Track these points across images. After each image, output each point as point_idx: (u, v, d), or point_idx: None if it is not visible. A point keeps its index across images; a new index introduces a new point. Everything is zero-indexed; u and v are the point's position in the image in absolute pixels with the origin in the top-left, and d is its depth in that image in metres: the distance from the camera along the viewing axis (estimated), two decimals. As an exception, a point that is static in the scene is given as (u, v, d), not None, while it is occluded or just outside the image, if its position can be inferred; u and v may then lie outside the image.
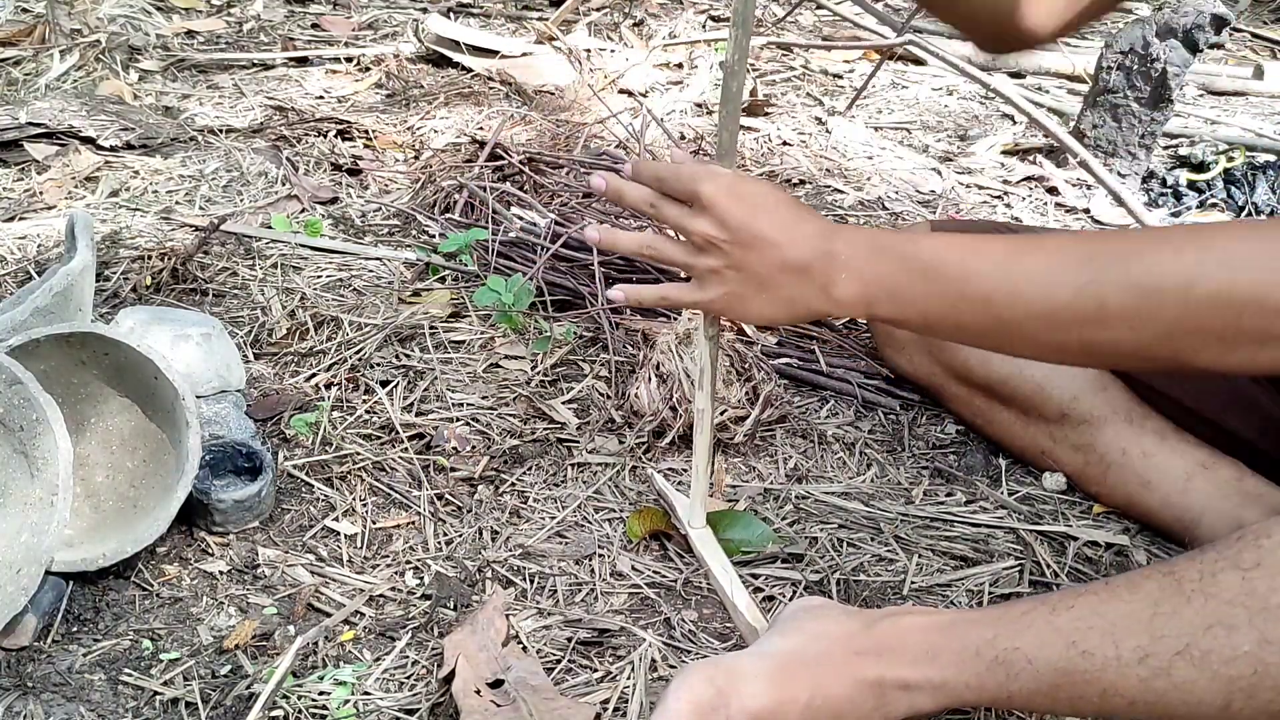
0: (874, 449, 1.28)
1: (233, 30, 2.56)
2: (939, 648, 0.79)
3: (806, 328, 1.48)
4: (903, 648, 0.80)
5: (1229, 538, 0.72)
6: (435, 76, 2.33)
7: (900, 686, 0.79)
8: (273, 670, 0.92)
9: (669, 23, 2.80)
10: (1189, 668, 0.69)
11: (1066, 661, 0.73)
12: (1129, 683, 0.71)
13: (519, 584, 1.05)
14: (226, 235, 1.61)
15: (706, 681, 0.79)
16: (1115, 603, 0.73)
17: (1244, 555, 0.70)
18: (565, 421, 1.28)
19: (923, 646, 0.79)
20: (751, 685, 0.79)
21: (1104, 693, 0.73)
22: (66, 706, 0.90)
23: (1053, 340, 0.83)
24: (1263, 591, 0.68)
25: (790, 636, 0.83)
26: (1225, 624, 0.68)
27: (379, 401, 1.28)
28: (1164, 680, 0.70)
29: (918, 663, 0.79)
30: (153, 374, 1.06)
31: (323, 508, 1.14)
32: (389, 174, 1.89)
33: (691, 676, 0.79)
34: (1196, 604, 0.70)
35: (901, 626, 0.81)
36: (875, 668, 0.79)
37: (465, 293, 1.49)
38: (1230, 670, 0.68)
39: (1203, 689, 0.69)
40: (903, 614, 0.83)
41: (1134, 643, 0.71)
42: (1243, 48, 3.14)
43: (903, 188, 2.02)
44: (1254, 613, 0.68)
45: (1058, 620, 0.75)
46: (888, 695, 0.79)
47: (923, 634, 0.80)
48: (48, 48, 2.25)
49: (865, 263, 0.87)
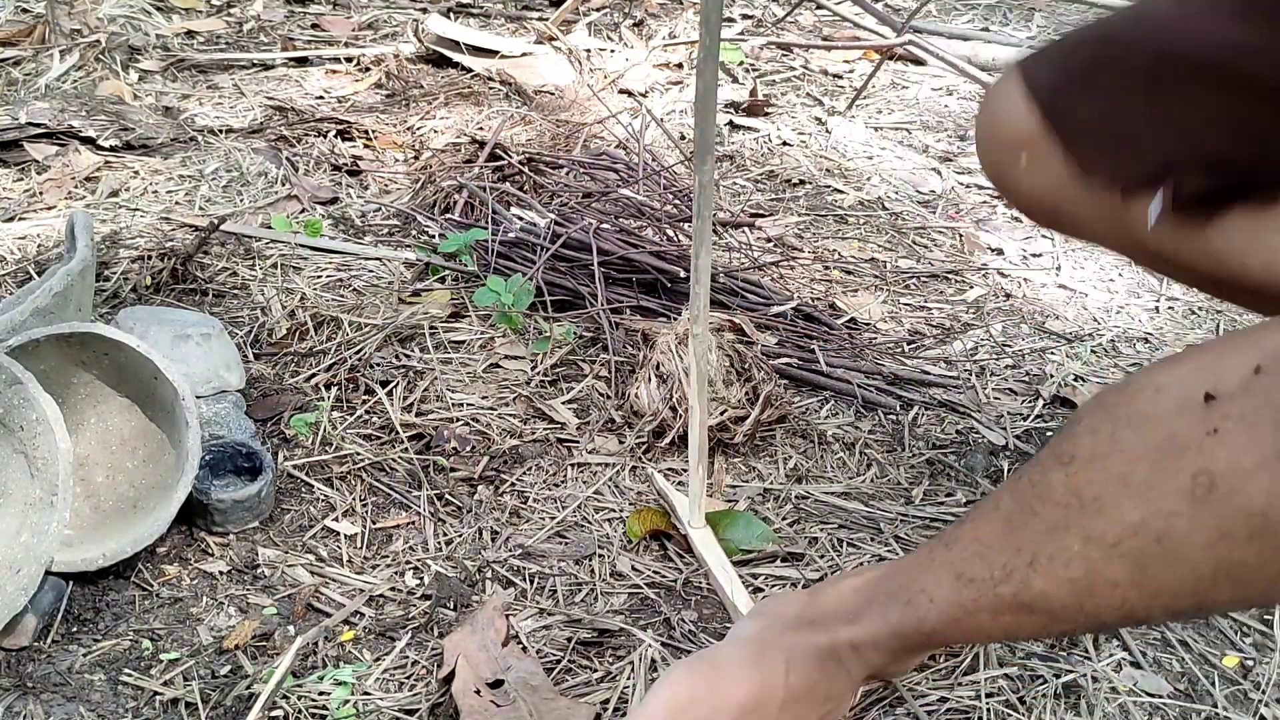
0: (874, 449, 1.28)
1: (233, 30, 2.56)
2: (867, 602, 0.80)
3: (806, 327, 1.48)
4: (843, 609, 0.81)
5: (1059, 430, 0.71)
6: (435, 76, 2.33)
7: (850, 647, 0.80)
8: (273, 670, 0.92)
9: (669, 23, 2.80)
10: (1040, 577, 0.69)
11: (956, 592, 0.74)
12: (1005, 601, 0.71)
13: (519, 584, 1.05)
14: (226, 235, 1.61)
15: (688, 674, 0.80)
16: (985, 524, 0.73)
17: (1063, 448, 0.68)
18: (565, 421, 1.28)
19: (855, 605, 0.81)
20: (733, 673, 0.80)
21: (992, 613, 0.72)
22: (66, 706, 0.90)
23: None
24: (1079, 486, 0.66)
25: (753, 620, 0.85)
26: (1060, 527, 0.67)
27: (379, 401, 1.28)
28: (1027, 592, 0.70)
29: (856, 621, 0.80)
30: (153, 374, 1.06)
31: (323, 508, 1.14)
32: (389, 174, 1.89)
33: (674, 672, 0.80)
34: (1037, 511, 0.69)
35: (838, 590, 0.83)
36: (824, 636, 0.81)
37: (465, 293, 1.49)
38: (1069, 572, 0.67)
39: (1054, 594, 0.68)
40: (841, 578, 0.85)
41: (1000, 560, 0.71)
42: (1243, 48, 3.14)
43: (903, 188, 2.02)
44: (1074, 510, 0.66)
45: (950, 554, 0.75)
46: (844, 658, 0.81)
47: (855, 594, 0.81)
48: (48, 48, 2.25)
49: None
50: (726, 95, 2.38)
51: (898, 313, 1.59)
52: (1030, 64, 1.04)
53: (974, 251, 1.80)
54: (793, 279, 1.64)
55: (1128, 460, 0.64)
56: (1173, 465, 0.62)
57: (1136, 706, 0.93)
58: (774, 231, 1.80)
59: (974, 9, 3.43)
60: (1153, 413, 0.64)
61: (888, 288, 1.66)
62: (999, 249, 1.81)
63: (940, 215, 1.92)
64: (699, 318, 0.98)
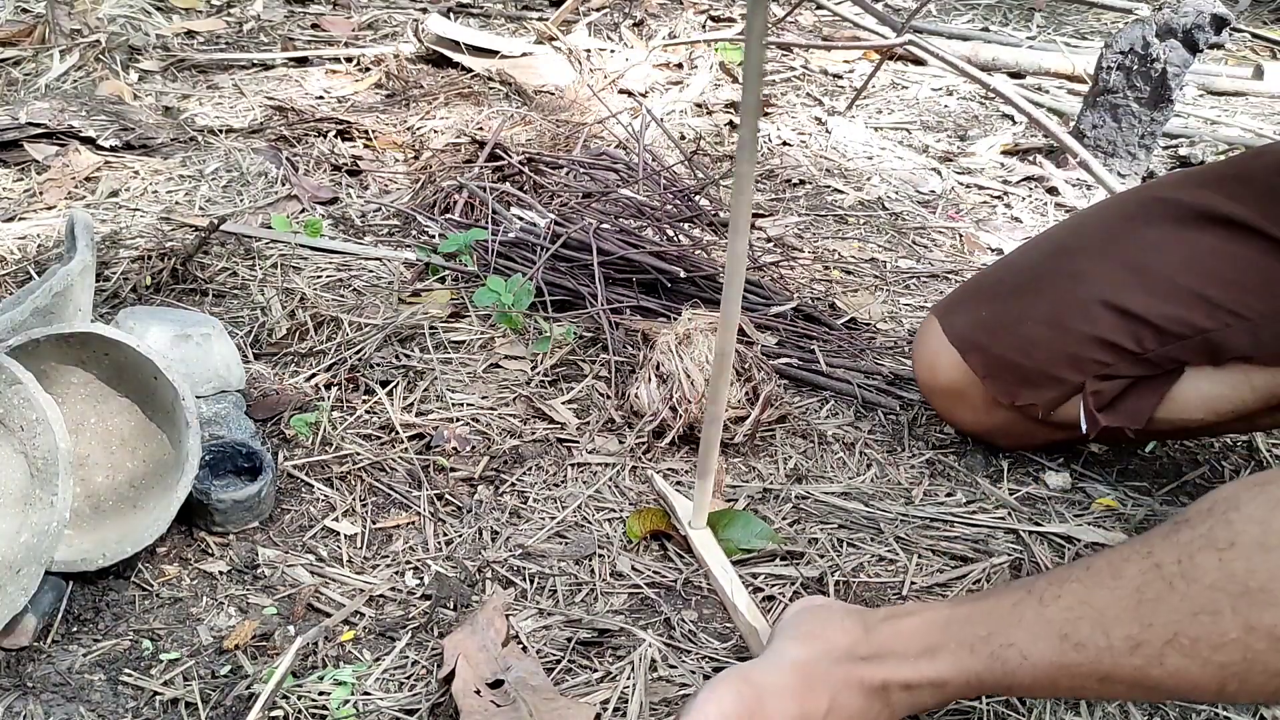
0: (874, 449, 1.28)
1: (233, 30, 2.56)
2: (937, 645, 0.80)
3: (806, 328, 1.48)
4: (903, 650, 0.81)
5: (1199, 510, 0.72)
6: (435, 76, 2.33)
7: (903, 687, 0.81)
8: (273, 670, 0.92)
9: (669, 23, 2.80)
10: (1180, 656, 0.70)
11: (1060, 655, 0.74)
12: (1124, 671, 0.72)
13: (519, 584, 1.05)
14: (226, 235, 1.61)
15: (736, 696, 0.79)
16: (1100, 590, 0.74)
17: (1217, 533, 0.69)
18: (565, 421, 1.28)
19: (921, 646, 0.80)
20: (777, 701, 0.80)
21: (1102, 680, 0.73)
22: (66, 706, 0.90)
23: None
24: (1241, 573, 0.67)
25: (804, 645, 0.84)
26: (1209, 611, 0.68)
27: (379, 401, 1.28)
28: (1158, 669, 0.71)
29: (918, 663, 0.80)
30: (153, 374, 1.06)
31: (323, 508, 1.14)
32: (389, 174, 1.89)
33: (720, 690, 0.80)
34: (1180, 590, 0.70)
35: (900, 629, 0.82)
36: (880, 672, 0.81)
37: (465, 293, 1.49)
38: (1220, 656, 0.68)
39: (1196, 675, 0.69)
40: (902, 615, 0.84)
41: (1124, 632, 0.72)
42: (1242, 48, 3.14)
43: (903, 188, 2.02)
44: (1235, 597, 0.67)
45: (1047, 612, 0.75)
46: (893, 697, 0.81)
47: (920, 634, 0.81)
48: (48, 48, 2.25)
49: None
50: (726, 95, 2.38)
51: (898, 313, 1.59)
52: (945, 313, 1.23)
53: (974, 251, 1.80)
54: (793, 279, 1.64)
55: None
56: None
57: (1136, 706, 0.93)
58: (774, 231, 1.80)
59: (974, 9, 3.43)
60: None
61: (888, 288, 1.66)
62: (999, 249, 1.81)
63: (940, 215, 1.93)
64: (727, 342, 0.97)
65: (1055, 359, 1.13)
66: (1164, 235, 1.11)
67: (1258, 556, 0.67)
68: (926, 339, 1.23)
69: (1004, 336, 1.16)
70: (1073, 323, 1.12)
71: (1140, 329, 1.10)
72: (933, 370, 1.23)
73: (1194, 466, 1.28)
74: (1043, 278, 1.17)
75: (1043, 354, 1.14)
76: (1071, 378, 1.13)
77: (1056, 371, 1.13)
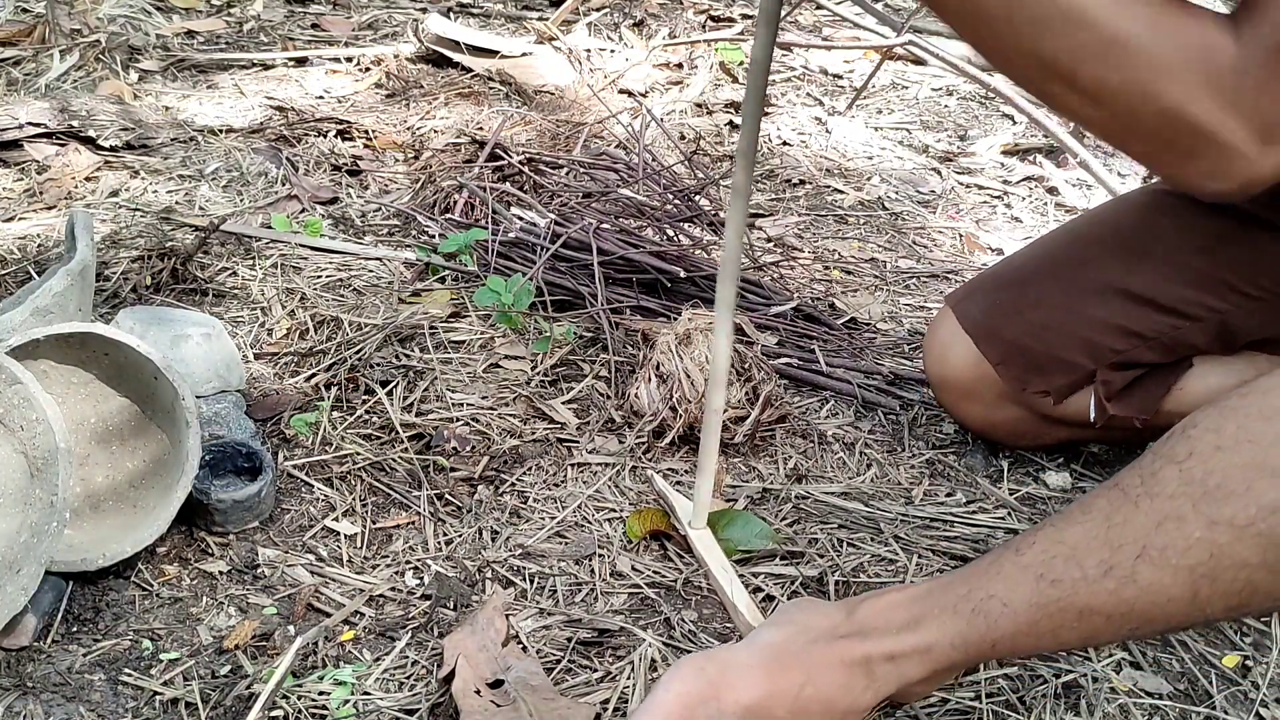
0: (874, 449, 1.28)
1: (233, 30, 2.56)
2: (919, 615, 0.80)
3: (806, 327, 1.48)
4: (885, 624, 0.81)
5: (1161, 438, 0.74)
6: (435, 76, 2.33)
7: (887, 659, 0.80)
8: (273, 670, 0.92)
9: (669, 23, 2.80)
10: (1150, 568, 0.71)
11: (1038, 594, 0.75)
12: (1100, 598, 0.73)
13: (519, 584, 1.05)
14: (226, 235, 1.61)
15: (697, 672, 0.80)
16: (1072, 527, 0.75)
17: (1176, 448, 0.71)
18: (565, 421, 1.28)
19: (904, 618, 0.81)
20: (744, 677, 0.79)
21: (1080, 614, 0.74)
22: (66, 706, 0.90)
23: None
24: (1199, 477, 0.69)
25: (779, 629, 0.84)
26: (1173, 517, 0.70)
27: (379, 401, 1.28)
28: (1131, 587, 0.71)
29: (901, 633, 0.80)
30: (153, 374, 1.06)
31: (323, 508, 1.14)
32: (389, 174, 1.89)
33: (682, 668, 0.80)
34: (1144, 506, 0.71)
35: (881, 604, 0.83)
36: (861, 647, 0.81)
37: (465, 293, 1.49)
38: (1188, 559, 0.69)
39: (1168, 585, 0.70)
40: (882, 593, 0.84)
41: (1096, 559, 0.73)
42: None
43: (903, 188, 2.02)
44: (1196, 499, 0.69)
45: (1023, 558, 0.76)
46: (875, 670, 0.81)
47: (902, 607, 0.81)
48: (48, 48, 2.25)
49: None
50: (727, 95, 2.38)
51: (898, 313, 1.59)
52: (959, 301, 1.22)
53: (974, 251, 1.80)
54: (793, 279, 1.64)
55: (1260, 448, 0.67)
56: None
57: (1136, 706, 0.93)
58: (774, 231, 1.80)
59: (974, 9, 3.42)
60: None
61: (888, 288, 1.66)
62: (999, 249, 1.81)
63: (940, 215, 1.93)
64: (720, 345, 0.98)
65: (1067, 343, 1.14)
66: (1177, 222, 1.13)
67: (1214, 458, 0.69)
68: (939, 328, 1.22)
69: (1017, 321, 1.16)
70: (1085, 307, 1.13)
71: (1153, 312, 1.11)
72: (944, 360, 1.22)
73: (1194, 466, 1.27)
74: (1057, 264, 1.18)
75: (1055, 338, 1.14)
76: (1083, 363, 1.14)
77: (1068, 356, 1.14)
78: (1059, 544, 0.75)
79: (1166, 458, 0.71)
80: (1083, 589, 0.73)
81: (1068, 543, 0.74)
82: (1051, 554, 0.75)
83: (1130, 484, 0.73)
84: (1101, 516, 0.73)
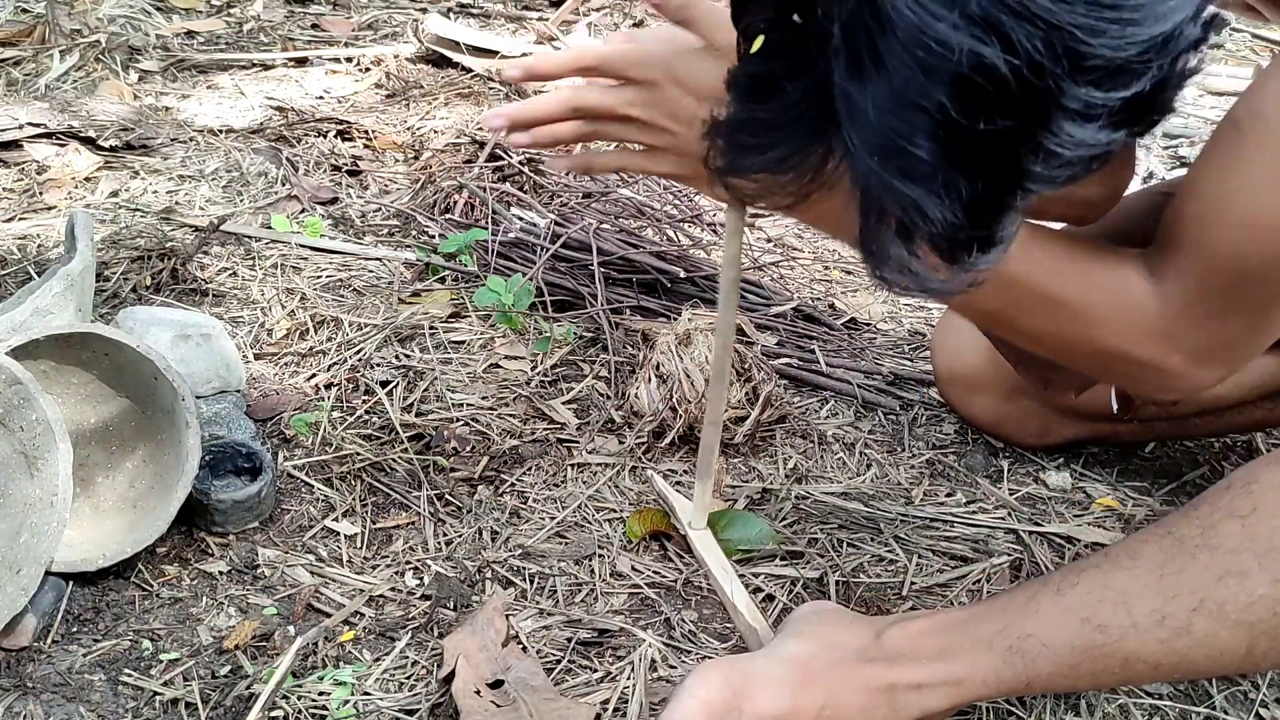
0: (874, 449, 1.28)
1: (233, 30, 2.56)
2: (951, 646, 0.79)
3: (806, 328, 1.48)
4: (914, 652, 0.80)
5: (1217, 489, 0.74)
6: (435, 76, 2.33)
7: (912, 688, 0.80)
8: (273, 670, 0.92)
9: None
10: (1208, 621, 0.70)
11: (1083, 638, 0.74)
12: (1150, 647, 0.72)
13: (519, 584, 1.05)
14: (226, 235, 1.61)
15: (723, 681, 0.79)
16: (1119, 572, 0.74)
17: (1238, 503, 0.71)
18: (565, 421, 1.28)
19: (934, 647, 0.80)
20: (767, 689, 0.79)
21: (1125, 661, 0.74)
22: (66, 707, 0.90)
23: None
24: (1265, 534, 0.69)
25: (805, 642, 0.84)
26: (1236, 572, 0.69)
27: (379, 401, 1.28)
28: (1185, 638, 0.71)
29: (931, 663, 0.79)
30: (153, 374, 1.06)
31: (323, 508, 1.14)
32: (389, 174, 1.89)
33: (708, 674, 0.80)
34: (1202, 558, 0.71)
35: (911, 631, 0.82)
36: (887, 674, 0.80)
37: (465, 293, 1.49)
38: (1249, 616, 0.69)
39: (1225, 639, 0.70)
40: (911, 619, 0.83)
41: (1148, 607, 0.72)
42: (1243, 48, 3.14)
43: (903, 188, 2.01)
44: (1261, 556, 0.69)
45: (1065, 600, 0.76)
46: (899, 699, 0.80)
47: (933, 635, 0.81)
48: (48, 48, 2.25)
49: None
50: (726, 95, 2.38)
51: (898, 313, 1.59)
52: None
53: (974, 251, 1.80)
54: (793, 279, 1.64)
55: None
56: None
57: (1136, 707, 0.93)
58: (774, 231, 1.80)
59: (974, 9, 3.41)
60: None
61: (888, 288, 1.65)
62: (999, 249, 1.81)
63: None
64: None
65: None
66: None
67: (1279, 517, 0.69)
68: (951, 323, 1.21)
69: None
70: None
71: None
72: (955, 355, 1.20)
73: (1194, 466, 1.27)
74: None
75: None
76: None
77: None
78: (1105, 588, 0.74)
79: (1227, 511, 0.71)
80: (1132, 636, 0.73)
81: (1115, 587, 0.74)
82: (1098, 598, 0.74)
83: (1186, 534, 0.72)
84: (1154, 564, 0.73)
